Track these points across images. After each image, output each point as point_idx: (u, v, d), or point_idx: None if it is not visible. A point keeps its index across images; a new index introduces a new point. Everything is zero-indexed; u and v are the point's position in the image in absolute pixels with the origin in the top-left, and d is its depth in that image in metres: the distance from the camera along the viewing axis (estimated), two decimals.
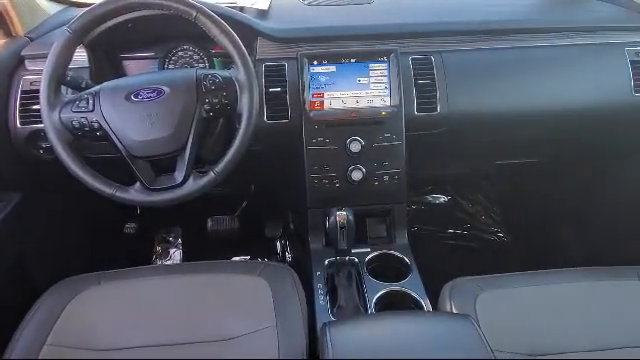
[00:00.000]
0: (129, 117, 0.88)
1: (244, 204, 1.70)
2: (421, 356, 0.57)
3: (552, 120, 1.15)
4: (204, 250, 1.62)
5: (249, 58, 0.91)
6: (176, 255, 1.68)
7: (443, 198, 1.93)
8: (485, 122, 1.14)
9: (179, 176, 0.90)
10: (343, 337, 0.62)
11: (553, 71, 1.14)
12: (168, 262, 1.65)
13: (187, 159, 0.89)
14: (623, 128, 1.21)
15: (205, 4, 0.94)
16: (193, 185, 0.90)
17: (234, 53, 0.90)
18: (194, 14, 0.89)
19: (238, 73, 0.91)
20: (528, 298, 0.91)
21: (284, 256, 1.69)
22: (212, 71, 0.93)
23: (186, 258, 1.67)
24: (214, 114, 0.91)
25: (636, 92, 1.13)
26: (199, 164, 0.98)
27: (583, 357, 0.80)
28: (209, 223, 1.67)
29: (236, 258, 1.59)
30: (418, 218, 1.84)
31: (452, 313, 0.84)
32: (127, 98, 0.89)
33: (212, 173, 0.91)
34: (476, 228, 1.84)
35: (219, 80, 0.91)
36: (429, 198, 1.94)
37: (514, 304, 0.90)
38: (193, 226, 1.71)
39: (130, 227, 1.64)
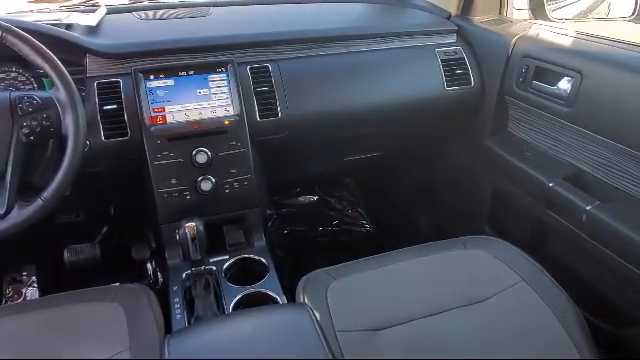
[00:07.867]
0: None
1: (104, 229, 1.61)
2: (253, 351, 0.61)
3: (382, 115, 1.27)
4: (64, 284, 1.49)
5: (68, 76, 0.88)
6: (31, 295, 1.53)
7: (312, 198, 2.02)
8: (324, 123, 1.22)
9: (0, 208, 0.83)
10: (180, 346, 0.63)
11: (378, 72, 1.26)
12: None
13: (8, 188, 0.83)
14: (440, 117, 1.38)
15: (18, 23, 0.89)
16: (18, 216, 0.84)
17: (51, 72, 0.86)
18: (0, 34, 0.84)
19: (58, 92, 0.87)
20: (373, 280, 0.98)
21: (156, 277, 1.63)
22: (29, 92, 0.88)
23: (43, 296, 1.52)
24: (36, 137, 0.86)
25: (447, 86, 1.29)
26: (31, 192, 0.92)
27: (419, 324, 0.89)
28: (65, 254, 1.55)
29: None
30: (289, 220, 1.89)
31: (288, 304, 0.88)
32: None
33: (40, 200, 0.85)
34: (344, 223, 1.93)
35: (37, 102, 0.86)
36: (300, 199, 2.00)
37: (361, 287, 0.97)
38: (48, 260, 1.57)
39: None
